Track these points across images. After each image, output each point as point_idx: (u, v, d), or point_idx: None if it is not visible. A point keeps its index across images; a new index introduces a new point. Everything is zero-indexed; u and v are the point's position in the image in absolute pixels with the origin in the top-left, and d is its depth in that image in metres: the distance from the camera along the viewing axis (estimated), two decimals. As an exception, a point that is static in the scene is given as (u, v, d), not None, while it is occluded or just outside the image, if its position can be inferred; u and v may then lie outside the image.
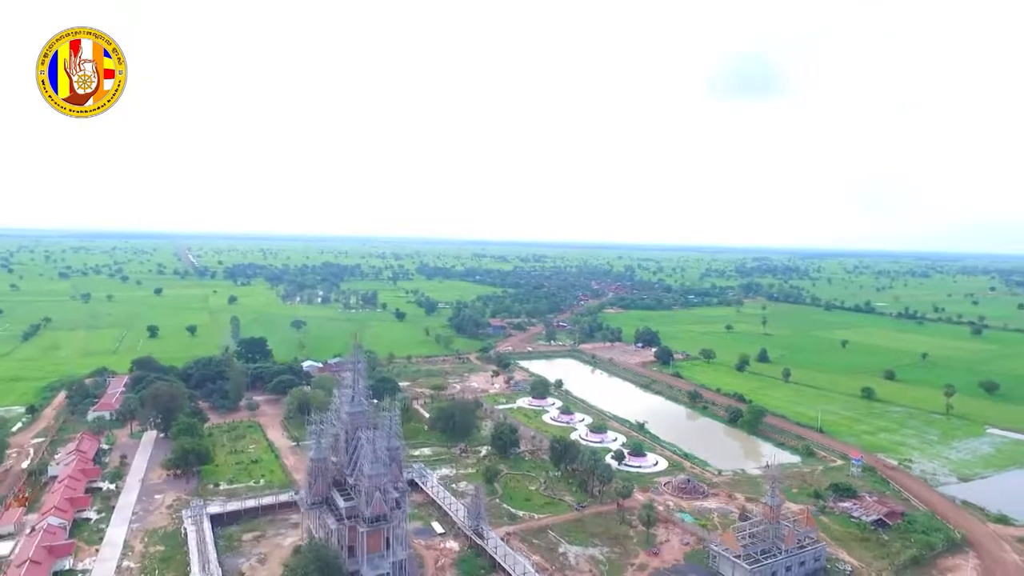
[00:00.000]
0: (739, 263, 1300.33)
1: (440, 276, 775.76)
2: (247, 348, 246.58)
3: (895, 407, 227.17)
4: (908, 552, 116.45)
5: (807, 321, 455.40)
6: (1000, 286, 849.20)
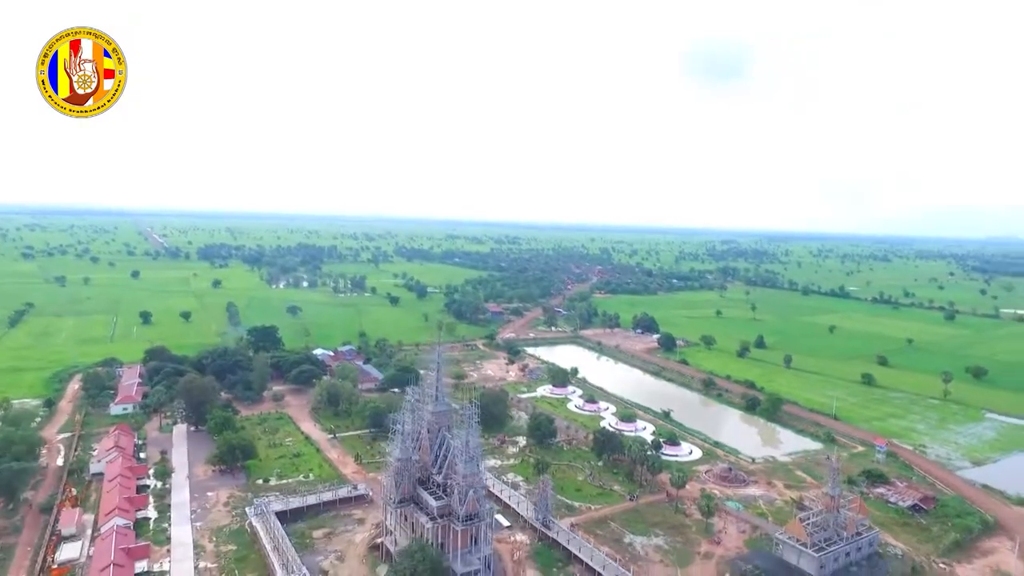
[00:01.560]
0: (709, 246, 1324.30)
1: (420, 258, 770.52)
2: (258, 337, 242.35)
3: (895, 393, 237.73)
4: (950, 536, 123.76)
5: (790, 306, 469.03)
6: (958, 271, 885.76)
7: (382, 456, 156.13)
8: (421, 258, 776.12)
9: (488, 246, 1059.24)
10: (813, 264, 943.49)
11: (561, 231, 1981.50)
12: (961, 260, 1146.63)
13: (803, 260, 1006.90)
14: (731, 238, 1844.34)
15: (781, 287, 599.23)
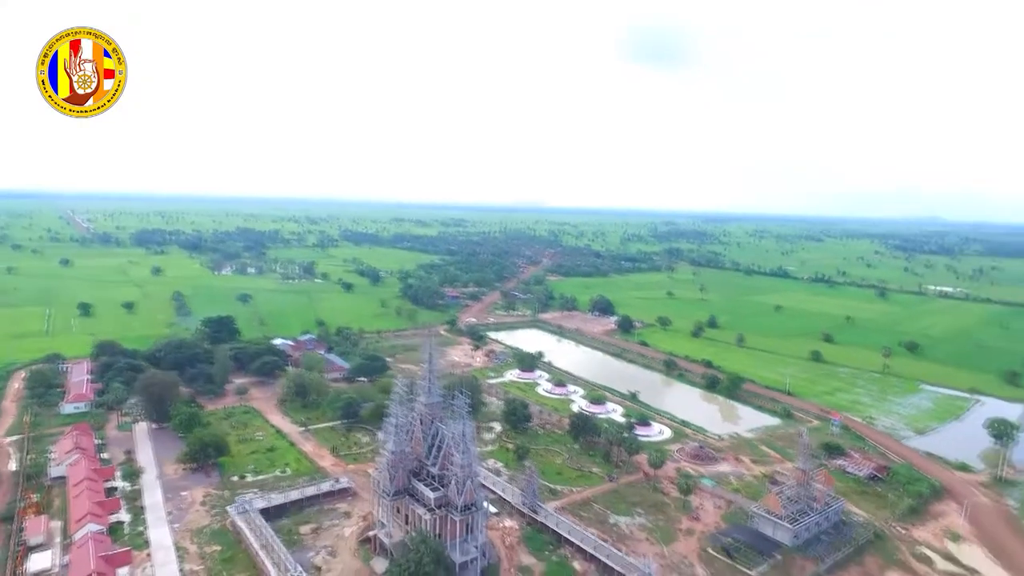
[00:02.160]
0: (652, 227, 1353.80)
1: (368, 242, 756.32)
2: (214, 328, 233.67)
3: (841, 368, 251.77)
4: (905, 502, 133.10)
5: (736, 286, 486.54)
6: (883, 250, 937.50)
7: (359, 448, 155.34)
8: (369, 242, 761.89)
9: (435, 229, 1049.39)
10: (751, 244, 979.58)
11: (506, 213, 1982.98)
12: (884, 239, 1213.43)
13: (742, 241, 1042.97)
14: (672, 219, 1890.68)
15: (725, 268, 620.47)
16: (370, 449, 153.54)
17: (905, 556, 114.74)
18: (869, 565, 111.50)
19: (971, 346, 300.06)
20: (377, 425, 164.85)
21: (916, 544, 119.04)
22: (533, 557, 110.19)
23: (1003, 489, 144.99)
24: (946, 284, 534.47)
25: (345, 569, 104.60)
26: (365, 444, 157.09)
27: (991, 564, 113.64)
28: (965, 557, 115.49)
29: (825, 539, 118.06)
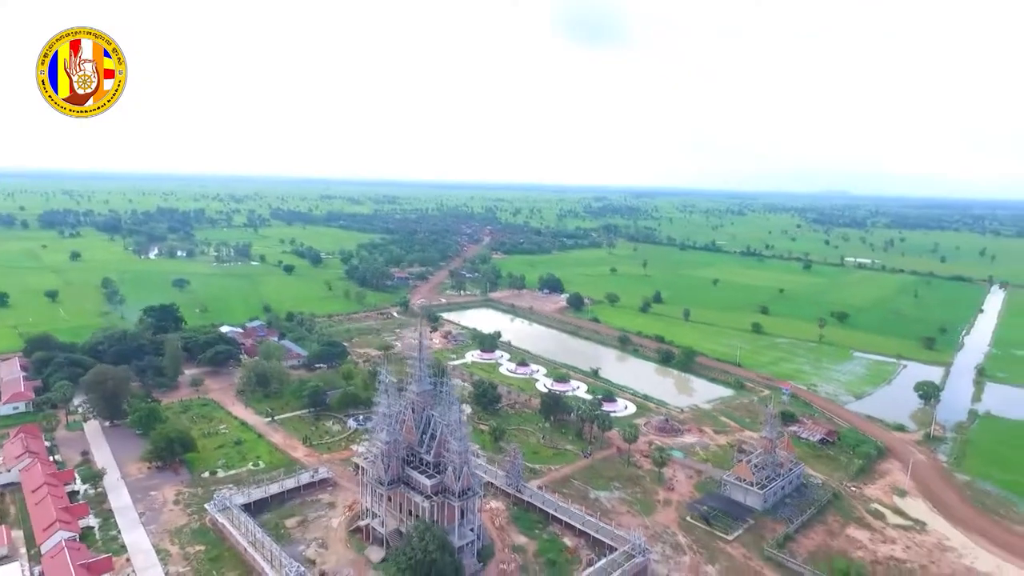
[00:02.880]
0: (584, 203, 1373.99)
1: (301, 222, 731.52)
2: (157, 317, 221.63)
3: (780, 338, 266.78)
4: (855, 463, 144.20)
5: (674, 261, 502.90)
6: (803, 224, 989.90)
7: (331, 436, 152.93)
8: (302, 221, 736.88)
9: (369, 207, 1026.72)
10: (682, 220, 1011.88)
11: (439, 190, 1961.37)
12: (801, 213, 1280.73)
13: (672, 216, 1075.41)
14: (603, 195, 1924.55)
15: (661, 243, 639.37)
16: (343, 438, 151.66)
17: (861, 513, 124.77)
18: (831, 523, 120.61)
19: (890, 314, 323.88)
20: (345, 412, 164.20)
21: (869, 501, 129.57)
22: (524, 536, 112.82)
23: (934, 446, 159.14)
24: (862, 256, 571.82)
25: (340, 560, 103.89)
26: (336, 433, 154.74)
27: (934, 515, 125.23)
28: (911, 510, 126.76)
29: (790, 502, 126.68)
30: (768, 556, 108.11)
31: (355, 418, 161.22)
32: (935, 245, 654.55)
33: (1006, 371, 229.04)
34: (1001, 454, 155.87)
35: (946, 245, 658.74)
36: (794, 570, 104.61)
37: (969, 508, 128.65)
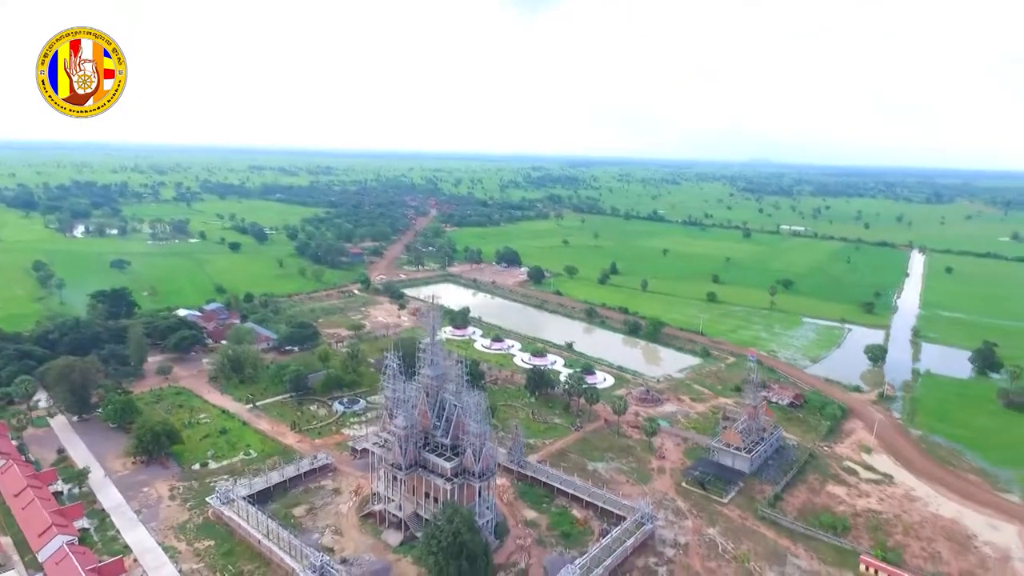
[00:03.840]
0: (524, 173, 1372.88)
1: (235, 195, 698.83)
2: (110, 302, 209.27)
3: (735, 307, 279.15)
4: (824, 424, 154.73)
5: (621, 231, 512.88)
6: (735, 192, 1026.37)
7: (319, 421, 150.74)
8: (236, 194, 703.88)
9: (305, 179, 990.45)
10: (621, 189, 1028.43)
11: (374, 159, 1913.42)
12: (732, 182, 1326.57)
13: (612, 186, 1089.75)
14: (539, 164, 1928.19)
15: (606, 213, 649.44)
16: (332, 422, 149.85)
17: (836, 470, 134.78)
18: (812, 482, 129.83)
19: (828, 280, 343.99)
20: (329, 396, 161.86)
21: (841, 459, 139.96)
22: (533, 511, 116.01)
23: (888, 404, 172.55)
24: (794, 223, 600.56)
25: (358, 546, 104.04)
26: (324, 417, 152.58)
27: (898, 469, 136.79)
28: (879, 465, 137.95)
29: (772, 464, 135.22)
30: (762, 516, 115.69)
31: (340, 401, 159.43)
32: (858, 212, 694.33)
33: (936, 332, 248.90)
34: (945, 410, 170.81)
35: (867, 212, 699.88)
36: (787, 527, 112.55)
37: (927, 460, 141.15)
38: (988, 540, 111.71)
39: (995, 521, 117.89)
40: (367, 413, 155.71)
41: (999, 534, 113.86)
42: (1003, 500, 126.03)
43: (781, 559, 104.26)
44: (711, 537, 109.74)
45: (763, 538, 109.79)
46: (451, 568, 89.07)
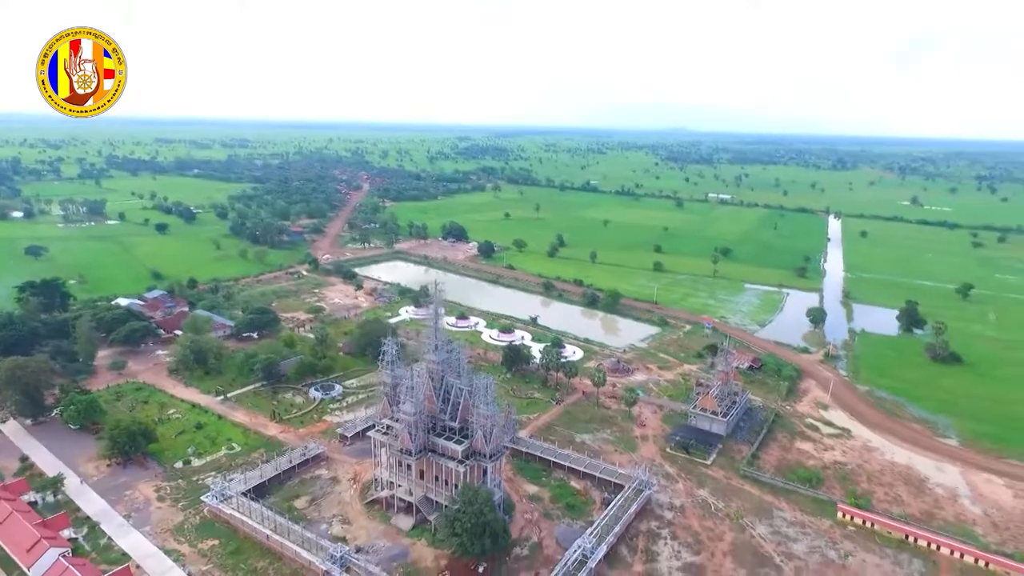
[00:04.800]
0: (451, 143, 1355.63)
1: (147, 171, 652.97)
2: (43, 294, 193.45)
3: (680, 275, 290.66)
4: (783, 385, 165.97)
5: (559, 203, 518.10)
6: (659, 161, 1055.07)
7: (299, 409, 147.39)
8: (148, 170, 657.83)
9: (220, 152, 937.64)
10: (550, 159, 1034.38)
11: (289, 130, 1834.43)
12: (654, 150, 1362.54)
13: (540, 156, 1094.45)
14: (464, 134, 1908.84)
15: (540, 184, 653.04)
16: (312, 410, 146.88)
17: (801, 428, 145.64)
18: (781, 440, 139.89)
19: (761, 247, 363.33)
20: (302, 383, 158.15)
21: (803, 417, 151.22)
22: (533, 485, 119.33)
23: (833, 363, 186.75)
24: (719, 191, 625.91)
25: (371, 533, 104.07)
26: (303, 405, 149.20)
27: (853, 422, 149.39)
28: (836, 420, 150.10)
29: (744, 425, 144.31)
30: (744, 474, 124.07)
31: (315, 387, 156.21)
32: (776, 180, 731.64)
33: (862, 293, 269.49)
34: (883, 366, 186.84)
35: (784, 179, 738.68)
36: (769, 483, 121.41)
37: (876, 413, 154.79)
38: (938, 482, 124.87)
39: (941, 464, 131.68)
40: (346, 399, 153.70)
41: (946, 476, 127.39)
42: (943, 445, 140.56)
43: (768, 513, 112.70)
44: (703, 498, 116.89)
45: (749, 495, 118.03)
46: (475, 547, 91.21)
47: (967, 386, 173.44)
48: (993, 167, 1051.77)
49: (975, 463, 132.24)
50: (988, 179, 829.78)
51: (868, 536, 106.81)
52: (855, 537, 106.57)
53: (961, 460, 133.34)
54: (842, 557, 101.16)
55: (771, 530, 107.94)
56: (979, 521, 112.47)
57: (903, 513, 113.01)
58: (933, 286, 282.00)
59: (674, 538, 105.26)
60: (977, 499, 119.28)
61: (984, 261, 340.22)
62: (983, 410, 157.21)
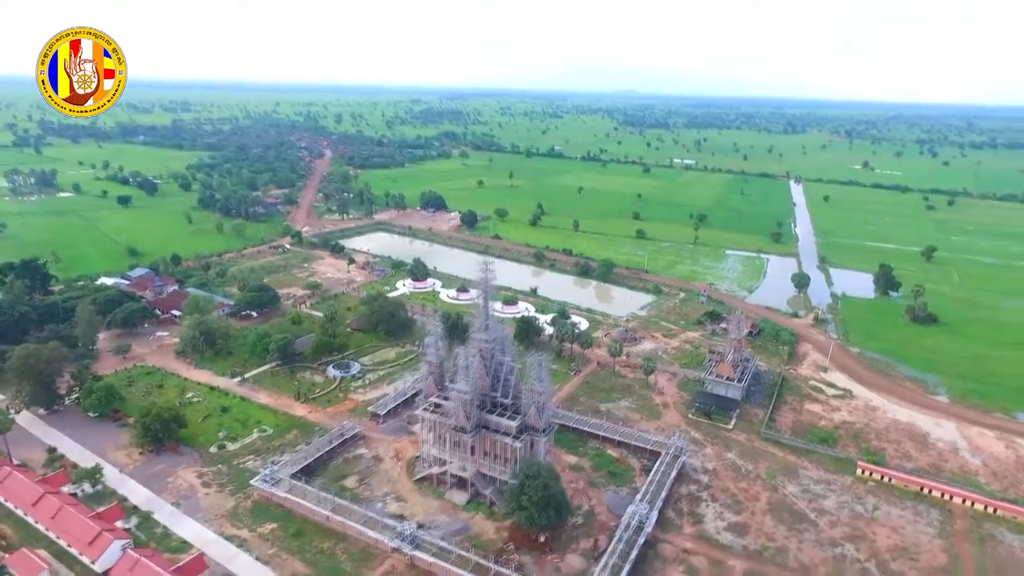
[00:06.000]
0: (405, 106, 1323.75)
1: (90, 138, 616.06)
2: (28, 276, 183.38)
3: (663, 243, 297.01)
4: (784, 349, 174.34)
5: (529, 170, 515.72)
6: (619, 126, 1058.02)
7: (322, 388, 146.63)
8: (91, 137, 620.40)
9: (162, 116, 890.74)
10: (508, 124, 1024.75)
11: (228, 91, 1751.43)
12: (610, 114, 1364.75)
13: (498, 120, 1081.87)
14: (414, 95, 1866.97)
15: (506, 150, 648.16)
16: (335, 388, 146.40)
17: (807, 390, 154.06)
18: (791, 402, 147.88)
19: (733, 213, 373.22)
20: (318, 361, 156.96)
21: (807, 380, 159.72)
22: (572, 455, 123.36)
23: (824, 326, 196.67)
24: (680, 156, 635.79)
25: (427, 509, 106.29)
26: (324, 384, 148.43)
27: (853, 383, 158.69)
28: (837, 382, 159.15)
29: (755, 390, 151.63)
30: (766, 437, 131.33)
31: (333, 366, 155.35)
32: (734, 144, 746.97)
33: (836, 257, 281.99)
34: (869, 328, 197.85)
35: (742, 144, 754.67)
36: (789, 445, 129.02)
37: (872, 373, 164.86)
38: (939, 437, 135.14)
39: (938, 420, 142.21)
40: (366, 376, 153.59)
41: (944, 431, 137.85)
42: (937, 402, 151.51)
43: (795, 473, 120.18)
44: (732, 460, 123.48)
45: (773, 456, 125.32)
46: (543, 519, 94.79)
47: (946, 345, 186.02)
48: (930, 130, 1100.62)
49: (967, 418, 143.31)
50: (928, 143, 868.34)
51: (887, 490, 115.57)
52: (876, 492, 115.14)
53: (955, 416, 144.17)
54: (870, 511, 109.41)
55: (801, 488, 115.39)
56: (980, 471, 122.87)
57: (916, 468, 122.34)
58: (897, 249, 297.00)
59: (714, 500, 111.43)
60: (975, 451, 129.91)
61: (939, 224, 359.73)
62: (965, 367, 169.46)
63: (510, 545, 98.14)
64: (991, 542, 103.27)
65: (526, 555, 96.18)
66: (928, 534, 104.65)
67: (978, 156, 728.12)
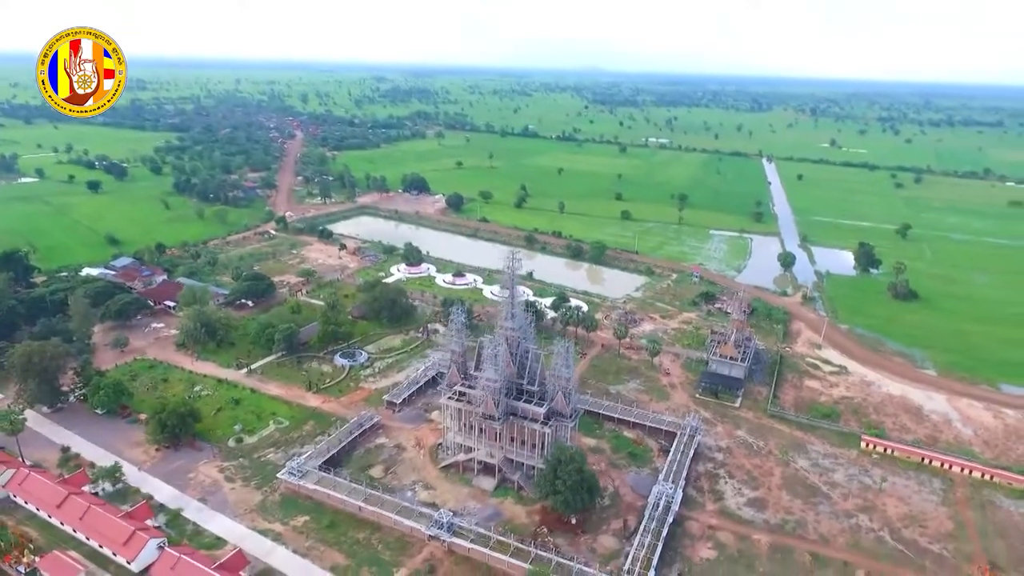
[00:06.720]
0: (371, 84, 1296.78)
1: (43, 118, 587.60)
2: (8, 268, 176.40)
3: (649, 223, 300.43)
4: (778, 328, 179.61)
5: (506, 150, 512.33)
6: (590, 105, 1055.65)
7: (332, 379, 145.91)
8: (45, 118, 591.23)
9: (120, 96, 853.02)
10: (480, 103, 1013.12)
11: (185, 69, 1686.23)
12: (579, 92, 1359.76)
13: (469, 99, 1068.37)
14: (377, 73, 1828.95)
15: (480, 130, 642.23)
16: (345, 378, 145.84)
17: (805, 367, 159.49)
18: (791, 380, 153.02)
19: (712, 192, 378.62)
20: (324, 350, 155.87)
21: (803, 357, 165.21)
22: (591, 438, 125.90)
23: (812, 304, 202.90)
24: (654, 135, 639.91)
25: (457, 496, 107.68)
26: (333, 374, 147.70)
27: (847, 360, 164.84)
28: (832, 359, 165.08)
29: (756, 369, 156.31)
30: (772, 414, 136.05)
31: (340, 355, 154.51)
32: (704, 123, 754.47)
33: (816, 235, 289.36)
34: (855, 305, 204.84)
35: (712, 122, 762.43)
36: (795, 421, 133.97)
37: (863, 349, 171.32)
38: (932, 409, 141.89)
39: (929, 393, 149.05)
40: (374, 364, 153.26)
41: (935, 404, 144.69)
42: (925, 375, 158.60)
43: (803, 448, 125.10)
44: (743, 438, 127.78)
45: (781, 433, 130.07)
46: (577, 502, 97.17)
47: (927, 320, 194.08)
48: (889, 108, 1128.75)
49: (955, 390, 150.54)
50: (889, 120, 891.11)
51: (891, 461, 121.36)
52: (881, 463, 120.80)
53: (944, 388, 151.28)
54: (878, 482, 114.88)
55: (810, 463, 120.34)
56: (973, 441, 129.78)
57: (916, 439, 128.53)
58: (871, 226, 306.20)
59: (731, 477, 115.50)
60: (967, 422, 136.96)
61: (909, 201, 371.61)
62: (948, 342, 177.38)
63: (543, 528, 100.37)
64: (990, 508, 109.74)
65: (560, 538, 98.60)
66: (933, 502, 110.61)
67: (938, 134, 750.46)
